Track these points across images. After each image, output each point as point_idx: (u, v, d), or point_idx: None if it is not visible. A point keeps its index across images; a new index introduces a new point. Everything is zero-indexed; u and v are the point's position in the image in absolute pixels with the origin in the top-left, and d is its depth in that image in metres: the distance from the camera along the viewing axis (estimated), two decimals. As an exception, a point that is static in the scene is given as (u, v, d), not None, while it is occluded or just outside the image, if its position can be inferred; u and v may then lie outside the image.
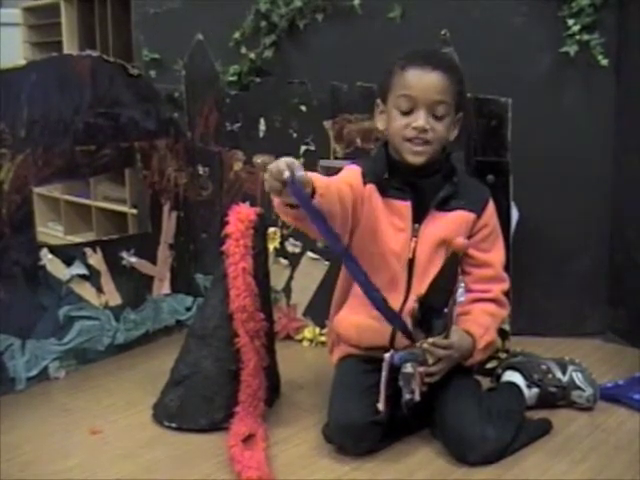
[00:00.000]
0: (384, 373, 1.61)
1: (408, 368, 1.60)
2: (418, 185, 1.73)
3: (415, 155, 1.68)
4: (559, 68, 2.22)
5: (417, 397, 1.60)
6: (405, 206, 1.72)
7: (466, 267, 1.78)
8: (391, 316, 1.64)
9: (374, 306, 1.62)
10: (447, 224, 1.73)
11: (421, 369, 1.61)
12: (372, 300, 1.61)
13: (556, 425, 1.77)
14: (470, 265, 1.77)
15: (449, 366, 1.65)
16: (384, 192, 1.73)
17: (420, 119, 1.66)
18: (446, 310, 1.61)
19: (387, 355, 1.62)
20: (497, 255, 1.79)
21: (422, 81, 1.66)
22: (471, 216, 1.75)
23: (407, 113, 1.67)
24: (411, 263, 1.73)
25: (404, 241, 1.72)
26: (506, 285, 1.79)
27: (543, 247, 2.30)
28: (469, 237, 1.75)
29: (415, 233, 1.73)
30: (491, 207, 1.79)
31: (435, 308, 1.62)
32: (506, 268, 1.82)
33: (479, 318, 1.72)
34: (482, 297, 1.76)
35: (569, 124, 2.25)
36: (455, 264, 1.62)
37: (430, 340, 1.61)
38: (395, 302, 1.72)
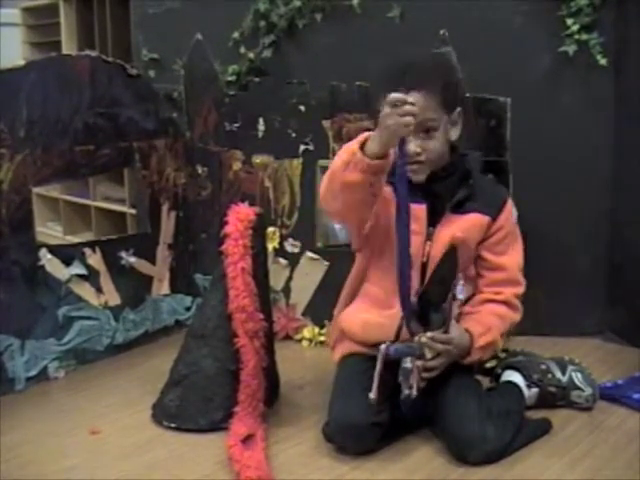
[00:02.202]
0: (378, 364, 1.59)
1: (407, 363, 1.60)
2: (433, 188, 1.72)
3: (414, 174, 1.68)
4: (558, 68, 2.22)
5: (415, 392, 1.60)
6: (420, 209, 1.71)
7: (479, 270, 1.78)
8: (405, 292, 1.61)
9: (398, 267, 1.59)
10: (461, 227, 1.72)
11: (419, 363, 1.60)
12: (400, 267, 1.58)
13: (556, 425, 1.77)
14: (483, 268, 1.77)
15: (448, 362, 1.65)
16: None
17: (410, 145, 1.63)
18: (445, 305, 1.61)
19: (383, 346, 1.60)
20: (512, 258, 1.77)
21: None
22: (485, 219, 1.74)
23: None
24: (424, 266, 1.73)
25: (418, 244, 1.71)
26: (520, 289, 1.78)
27: (542, 246, 2.29)
28: (483, 240, 1.75)
29: (430, 237, 1.72)
30: (508, 210, 1.78)
31: (433, 302, 1.62)
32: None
33: (483, 318, 1.72)
34: (493, 298, 1.75)
35: (568, 123, 2.25)
36: (454, 258, 1.62)
37: (429, 334, 1.61)
38: None
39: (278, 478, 1.57)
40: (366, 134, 1.55)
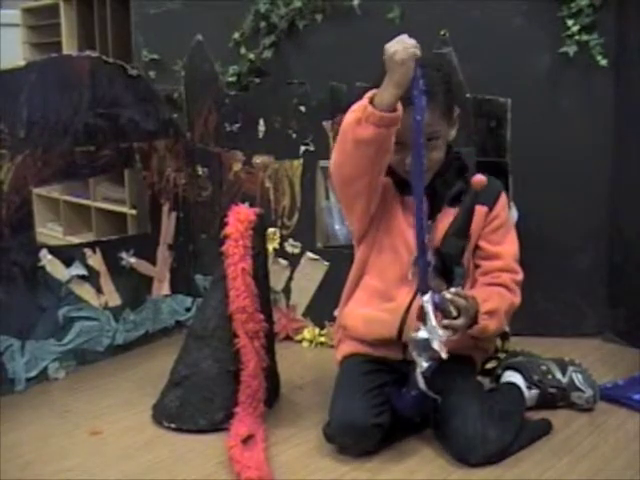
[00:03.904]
0: (430, 313, 1.54)
1: (422, 334, 1.55)
2: (431, 184, 1.73)
3: None
4: (558, 68, 2.22)
5: (444, 355, 1.53)
6: None
7: (476, 260, 1.78)
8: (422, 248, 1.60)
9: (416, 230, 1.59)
10: None
11: (445, 322, 1.56)
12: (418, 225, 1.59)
13: (556, 425, 1.77)
14: (480, 258, 1.77)
15: (467, 323, 1.60)
16: (400, 189, 1.74)
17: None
18: (464, 259, 1.61)
19: (426, 297, 1.56)
20: (508, 248, 1.78)
21: (402, 124, 1.60)
22: (483, 209, 1.75)
23: (400, 148, 1.66)
24: None
25: None
26: (517, 276, 1.77)
27: (542, 247, 2.30)
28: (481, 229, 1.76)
29: (429, 230, 1.72)
30: (503, 200, 1.80)
31: (454, 255, 1.62)
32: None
33: (479, 290, 1.71)
34: (491, 282, 1.74)
35: (568, 124, 2.25)
36: (471, 206, 1.63)
37: (452, 290, 1.59)
38: (404, 298, 1.71)
39: (278, 479, 1.57)
40: (372, 91, 1.59)
